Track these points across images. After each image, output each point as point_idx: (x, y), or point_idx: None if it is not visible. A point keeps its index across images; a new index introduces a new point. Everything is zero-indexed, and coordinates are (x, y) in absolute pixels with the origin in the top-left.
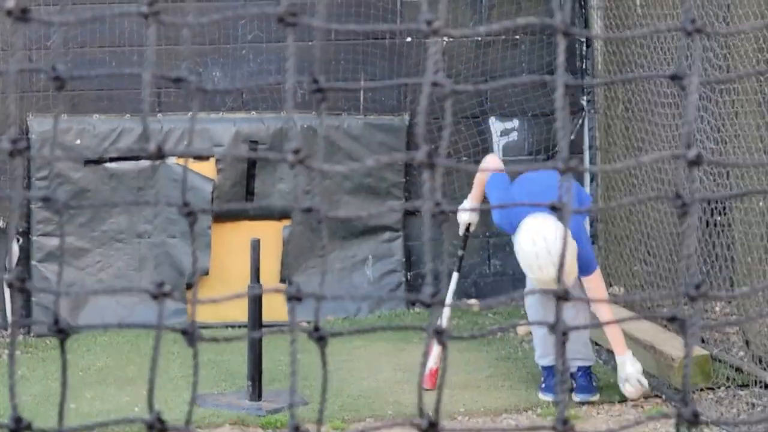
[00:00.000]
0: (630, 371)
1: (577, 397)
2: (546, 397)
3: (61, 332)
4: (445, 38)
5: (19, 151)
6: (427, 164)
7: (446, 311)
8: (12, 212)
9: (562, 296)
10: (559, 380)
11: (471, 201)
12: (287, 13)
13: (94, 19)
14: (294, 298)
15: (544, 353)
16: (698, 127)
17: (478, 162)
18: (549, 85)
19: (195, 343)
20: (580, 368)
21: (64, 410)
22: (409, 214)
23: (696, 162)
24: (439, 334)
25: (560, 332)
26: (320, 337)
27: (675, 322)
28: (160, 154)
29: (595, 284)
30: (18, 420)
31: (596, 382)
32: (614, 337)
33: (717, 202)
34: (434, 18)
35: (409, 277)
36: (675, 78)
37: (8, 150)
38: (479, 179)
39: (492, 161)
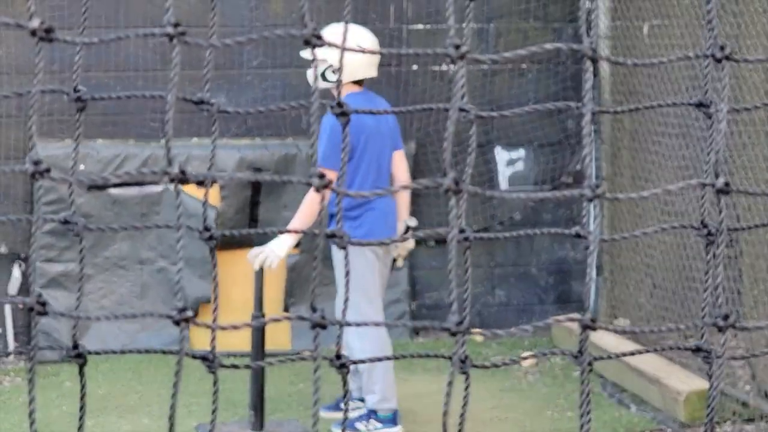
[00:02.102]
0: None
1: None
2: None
3: (80, 357)
4: (452, 66)
5: (41, 173)
6: (454, 191)
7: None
8: (33, 235)
9: (588, 325)
10: (585, 413)
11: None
12: (311, 35)
13: (119, 40)
14: (318, 326)
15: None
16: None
17: None
18: (569, 113)
19: (216, 371)
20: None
21: None
22: (416, 243)
23: (724, 190)
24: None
25: (586, 362)
26: (342, 365)
27: (700, 353)
28: (183, 177)
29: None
30: None
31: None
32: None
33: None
34: (461, 42)
35: (413, 306)
36: (701, 106)
37: (30, 172)
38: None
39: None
